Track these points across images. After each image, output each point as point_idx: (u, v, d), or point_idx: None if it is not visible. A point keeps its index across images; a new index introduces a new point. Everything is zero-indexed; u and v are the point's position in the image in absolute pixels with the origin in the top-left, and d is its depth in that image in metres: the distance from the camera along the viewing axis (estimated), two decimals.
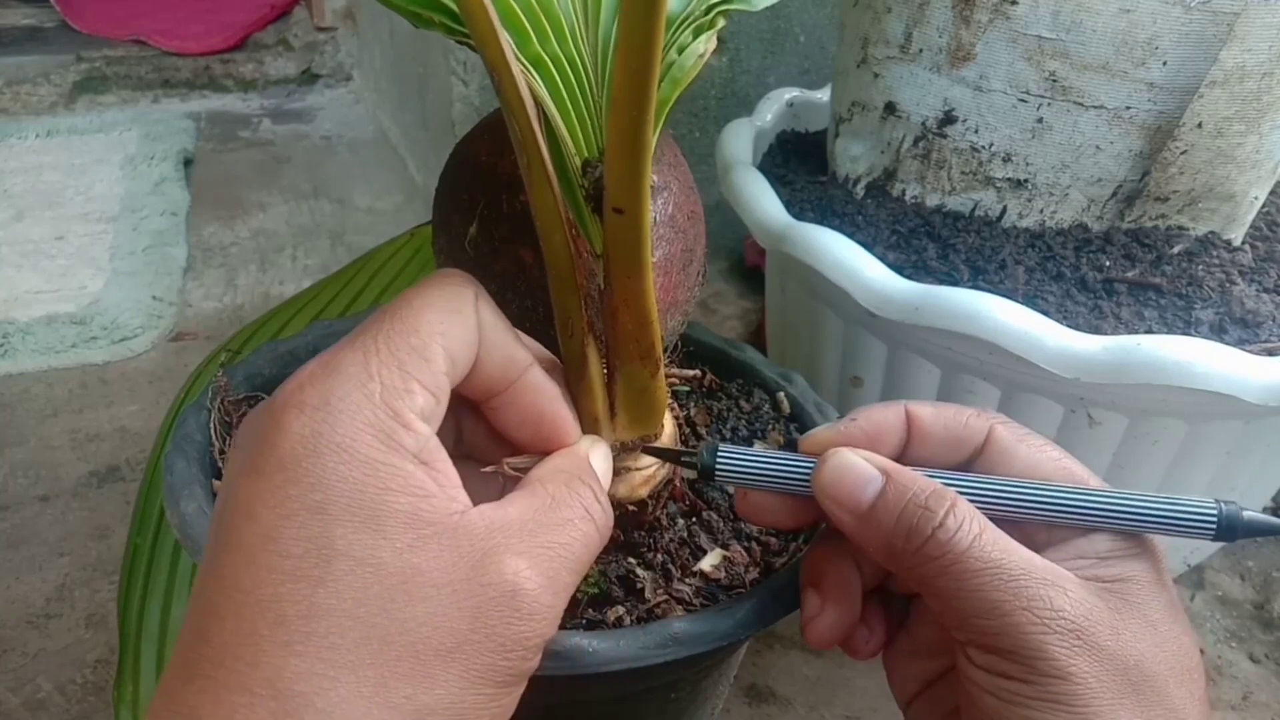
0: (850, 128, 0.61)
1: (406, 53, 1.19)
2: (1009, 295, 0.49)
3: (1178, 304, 0.51)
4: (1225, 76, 0.49)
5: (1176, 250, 0.54)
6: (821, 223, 0.56)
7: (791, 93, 0.76)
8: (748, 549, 0.39)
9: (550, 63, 0.30)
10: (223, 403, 0.42)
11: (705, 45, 0.32)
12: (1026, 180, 0.54)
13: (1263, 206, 0.58)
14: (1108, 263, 0.53)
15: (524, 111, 0.28)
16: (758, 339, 0.90)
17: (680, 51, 0.31)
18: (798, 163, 0.68)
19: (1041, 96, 0.52)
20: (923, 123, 0.56)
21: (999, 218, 0.56)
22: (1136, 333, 0.49)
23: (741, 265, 1.04)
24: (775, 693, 0.59)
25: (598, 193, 0.30)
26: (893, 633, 0.34)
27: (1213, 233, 0.55)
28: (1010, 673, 0.27)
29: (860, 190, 0.61)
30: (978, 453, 0.32)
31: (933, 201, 0.57)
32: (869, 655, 0.34)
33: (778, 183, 0.62)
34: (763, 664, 0.60)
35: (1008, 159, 0.54)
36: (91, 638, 0.61)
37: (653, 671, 0.32)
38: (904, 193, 0.58)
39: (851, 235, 0.54)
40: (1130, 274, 0.52)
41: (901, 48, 0.56)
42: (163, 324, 0.93)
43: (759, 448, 0.44)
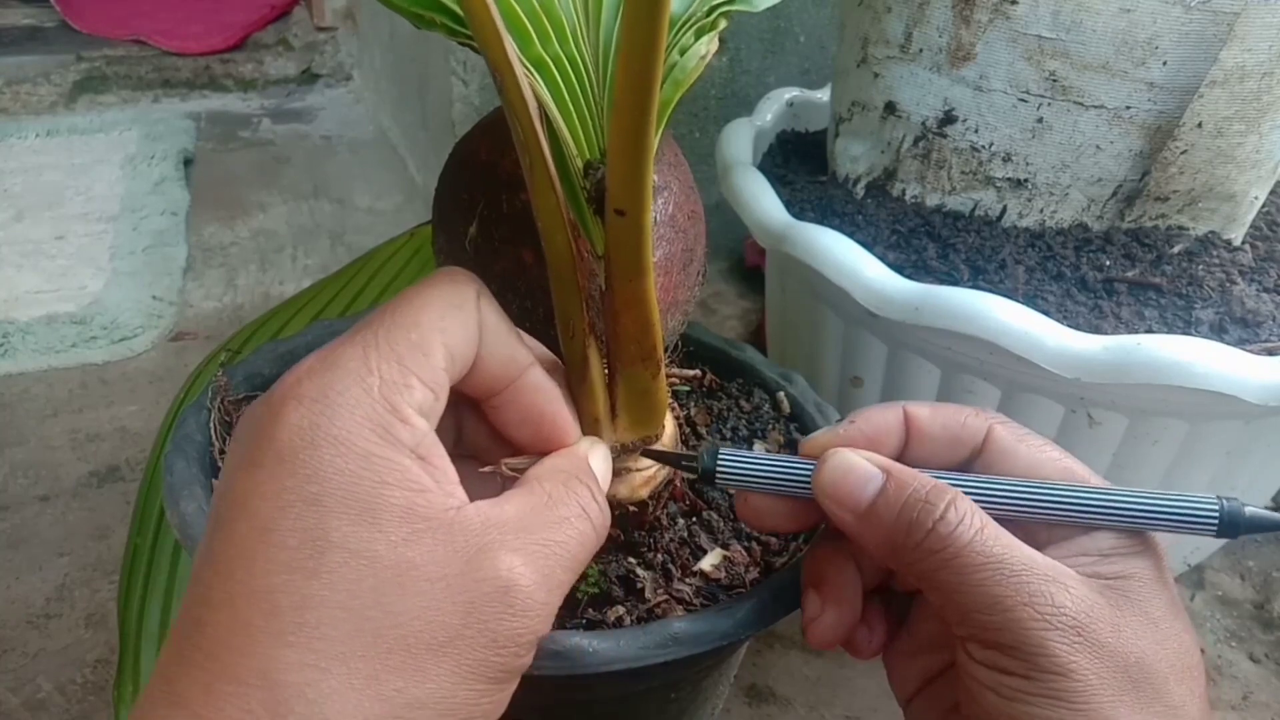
0: (850, 128, 0.61)
1: (407, 53, 1.19)
2: (1009, 295, 0.49)
3: (1178, 304, 0.51)
4: (1225, 76, 0.49)
5: (1176, 250, 0.54)
6: (821, 223, 0.56)
7: (791, 93, 0.76)
8: (748, 549, 0.39)
9: (552, 64, 0.30)
10: (223, 403, 0.42)
11: (707, 47, 0.31)
12: (1026, 180, 0.54)
13: (1263, 206, 0.58)
14: (1108, 262, 0.53)
15: (527, 113, 0.28)
16: (758, 339, 0.90)
17: (682, 53, 0.31)
18: (798, 163, 0.68)
19: (1041, 96, 0.52)
20: (923, 122, 0.56)
21: (999, 218, 0.56)
22: (1136, 333, 0.49)
23: (741, 265, 1.04)
24: (775, 693, 0.59)
25: (599, 194, 0.30)
26: (893, 631, 0.34)
27: (1213, 233, 0.55)
28: (1010, 668, 0.27)
29: (860, 190, 0.61)
30: (977, 452, 0.32)
31: (933, 201, 0.57)
32: (871, 655, 0.34)
33: (778, 183, 0.62)
34: (763, 664, 0.60)
35: (1008, 159, 0.54)
36: (91, 638, 0.61)
37: (653, 671, 0.32)
38: (904, 193, 0.59)
39: (851, 235, 0.54)
40: (1130, 274, 0.52)
41: (901, 48, 0.56)
42: (163, 324, 0.93)
43: (759, 448, 0.44)
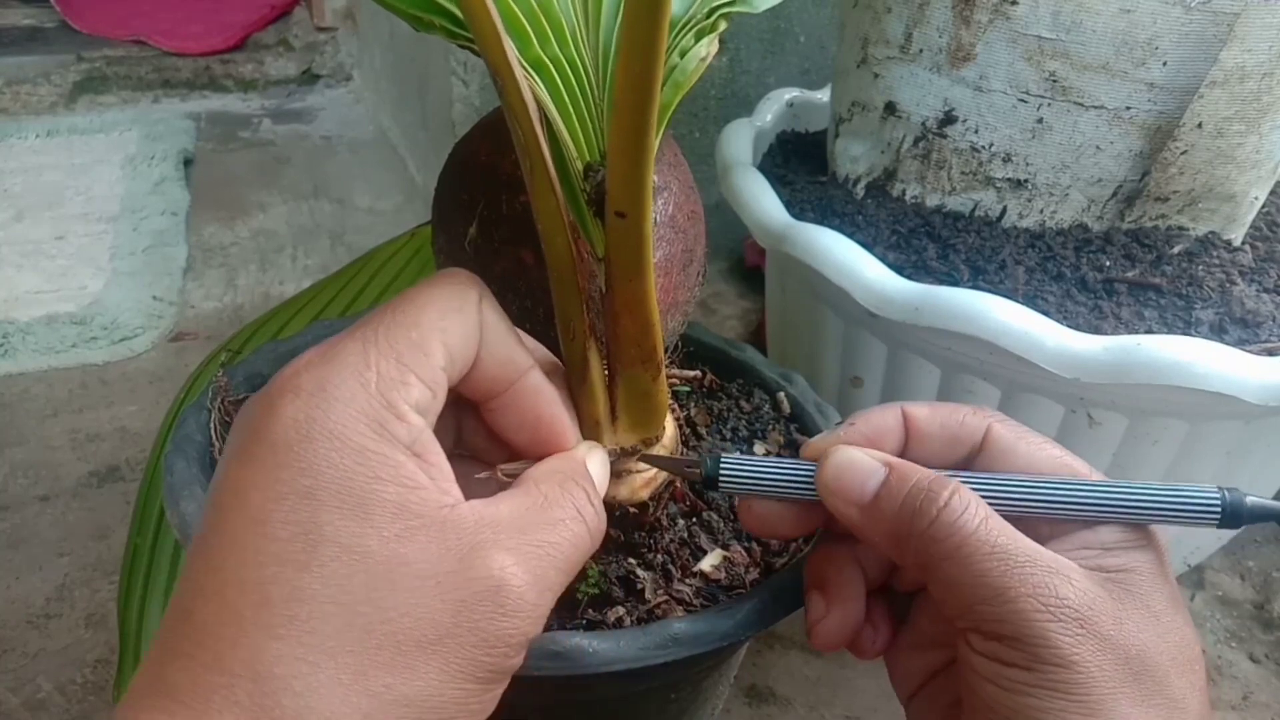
0: (850, 128, 0.61)
1: (407, 53, 1.19)
2: (1009, 295, 0.49)
3: (1178, 304, 0.51)
4: (1225, 76, 0.49)
5: (1176, 250, 0.54)
6: (821, 223, 0.56)
7: (791, 93, 0.76)
8: (748, 549, 0.39)
9: (551, 66, 0.30)
10: (223, 403, 0.42)
11: (707, 49, 0.31)
12: (1026, 180, 0.54)
13: (1263, 206, 0.58)
14: (1108, 263, 0.53)
15: (527, 116, 0.28)
16: (758, 339, 0.90)
17: (682, 55, 0.31)
18: (798, 163, 0.68)
19: (1041, 96, 0.52)
20: (923, 123, 0.56)
21: (999, 218, 0.56)
22: (1136, 333, 0.49)
23: (741, 265, 1.04)
24: (775, 693, 0.59)
25: (599, 196, 0.30)
26: (895, 631, 0.34)
27: (1213, 233, 0.55)
28: (1012, 660, 0.27)
29: (860, 190, 0.61)
30: (976, 451, 0.32)
31: (933, 201, 0.57)
32: (874, 655, 0.34)
33: (778, 183, 0.62)
34: (763, 664, 0.60)
35: (1008, 159, 0.54)
36: (91, 638, 0.61)
37: (653, 672, 0.32)
38: (904, 193, 0.59)
39: (851, 235, 0.54)
40: (1130, 274, 0.52)
41: (901, 48, 0.56)
42: (163, 324, 0.93)
43: (759, 449, 0.44)
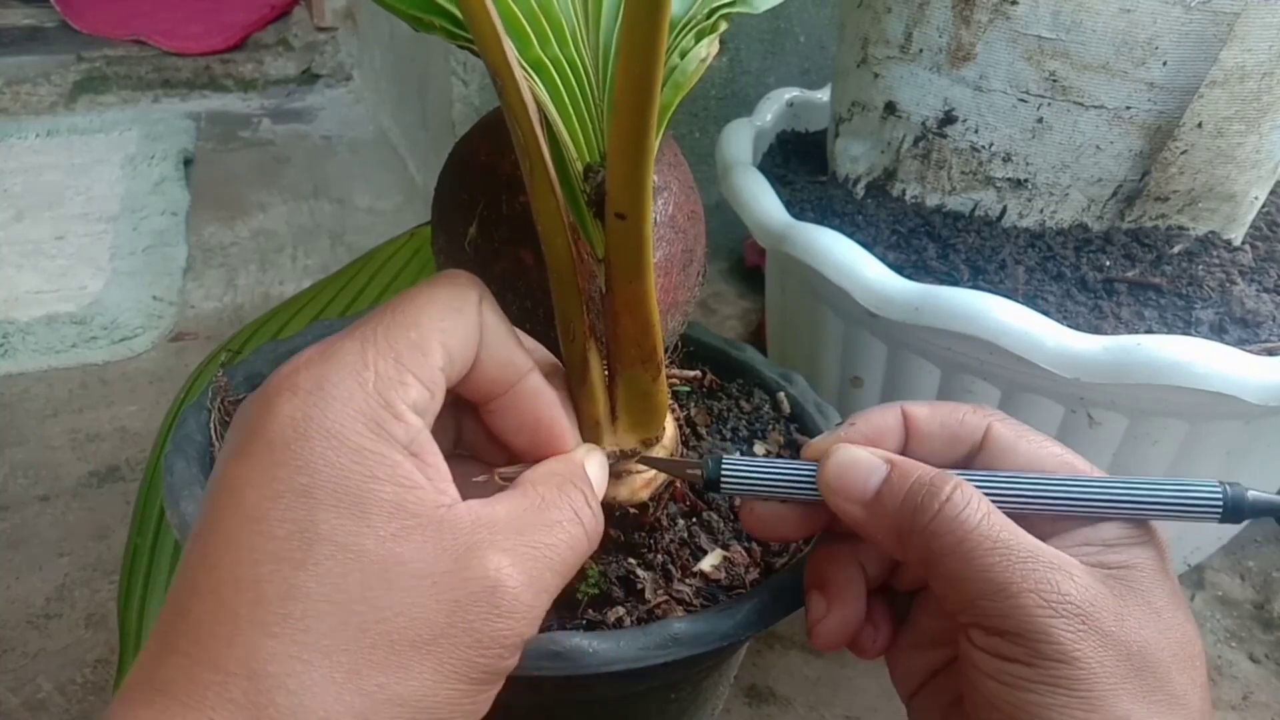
0: (850, 128, 0.61)
1: (407, 53, 1.19)
2: (1009, 295, 0.49)
3: (1178, 304, 0.51)
4: (1225, 76, 0.49)
5: (1176, 250, 0.54)
6: (821, 223, 0.56)
7: (791, 93, 0.76)
8: (748, 549, 0.39)
9: (551, 67, 0.30)
10: (223, 403, 0.42)
11: (708, 49, 0.31)
12: (1026, 180, 0.54)
13: (1263, 206, 0.58)
14: (1108, 263, 0.53)
15: (527, 117, 0.28)
16: (758, 339, 0.90)
17: (682, 56, 0.31)
18: (798, 163, 0.68)
19: (1041, 96, 0.52)
20: (923, 123, 0.56)
21: (999, 218, 0.56)
22: (1136, 333, 0.49)
23: (741, 265, 1.04)
24: (775, 693, 0.59)
25: (599, 197, 0.30)
26: (896, 630, 0.35)
27: (1213, 233, 0.55)
28: (1014, 655, 0.27)
29: (860, 190, 0.61)
30: (976, 450, 0.32)
31: (933, 201, 0.57)
32: (875, 654, 0.34)
33: (778, 183, 0.62)
34: (763, 664, 0.60)
35: (1008, 159, 0.54)
36: (91, 638, 0.61)
37: (653, 672, 0.32)
38: (904, 193, 0.59)
39: (851, 235, 0.54)
40: (1130, 274, 0.52)
41: (901, 48, 0.56)
42: (163, 324, 0.93)
43: (759, 449, 0.44)
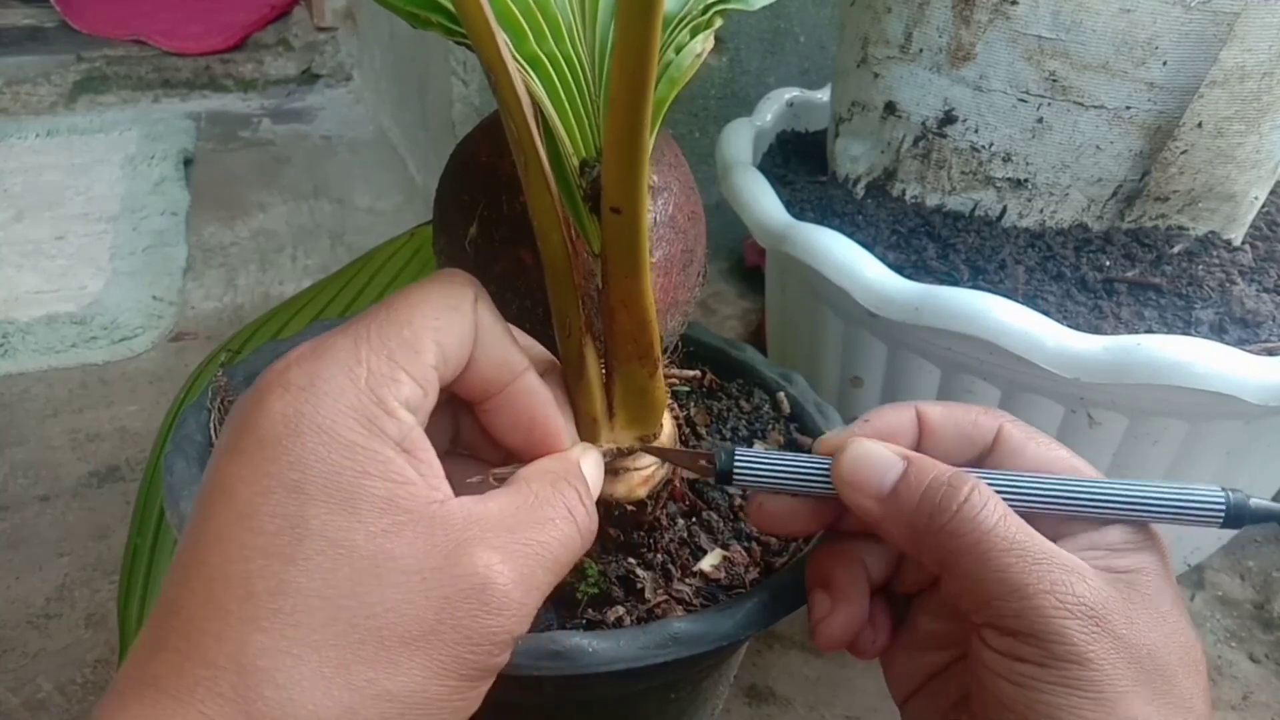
0: (850, 128, 0.61)
1: (407, 53, 1.19)
2: (1009, 295, 0.49)
3: (1178, 304, 0.51)
4: (1225, 76, 0.49)
5: (1176, 250, 0.53)
6: (821, 223, 0.56)
7: (791, 93, 0.76)
8: (748, 549, 0.39)
9: (547, 62, 0.30)
10: (222, 403, 0.42)
11: (703, 45, 0.31)
12: (1026, 180, 0.54)
13: (1263, 206, 0.58)
14: (1108, 263, 0.53)
15: (521, 111, 0.28)
16: (758, 339, 0.90)
17: (678, 51, 0.31)
18: (798, 163, 0.68)
19: (1041, 96, 0.52)
20: (923, 123, 0.56)
21: (999, 218, 0.56)
22: (1136, 333, 0.49)
23: (741, 265, 1.04)
24: (775, 693, 0.59)
25: (595, 192, 0.30)
26: (894, 631, 0.34)
27: (1213, 233, 0.55)
28: (1027, 656, 0.27)
29: (860, 190, 0.61)
30: (987, 451, 0.32)
31: (933, 201, 0.57)
32: (873, 655, 0.34)
33: (778, 183, 0.62)
34: (763, 664, 0.60)
35: (1008, 159, 0.54)
36: (91, 638, 0.61)
37: (653, 671, 0.32)
38: (904, 193, 0.58)
39: (851, 235, 0.54)
40: (1130, 274, 0.52)
41: (901, 48, 0.56)
42: (163, 324, 0.93)
43: (759, 449, 0.44)
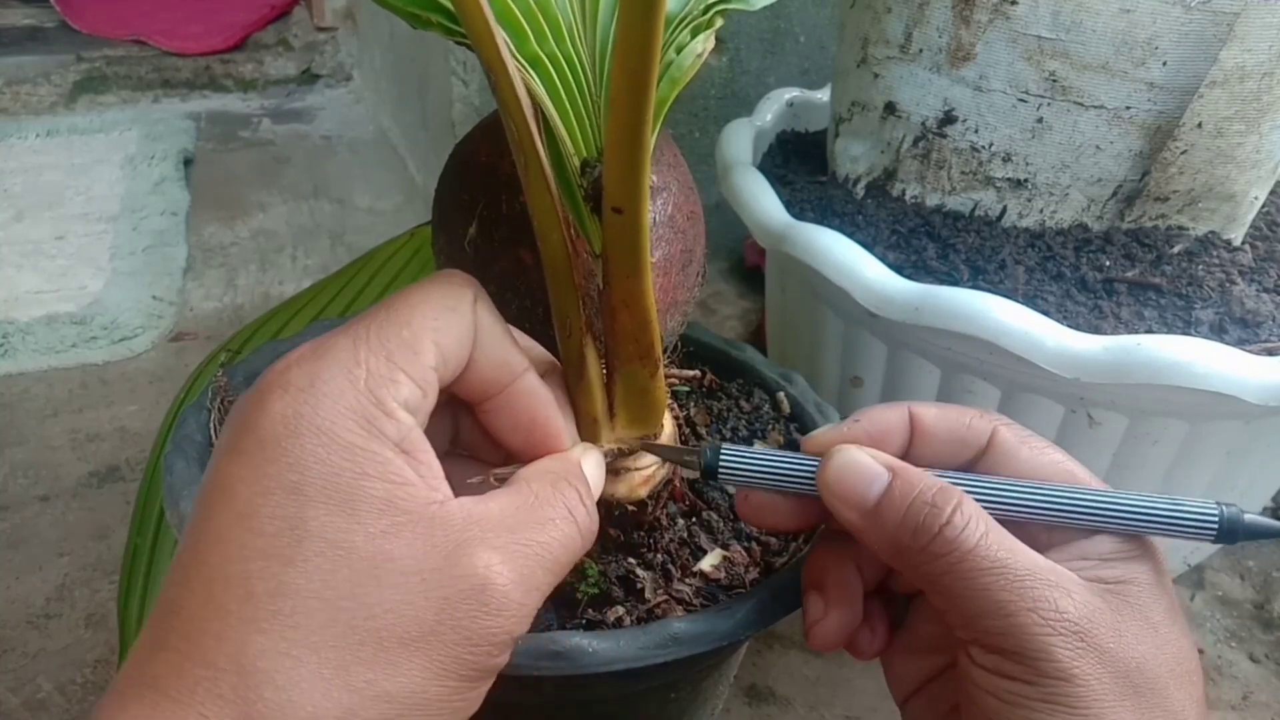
0: (850, 128, 0.61)
1: (407, 53, 1.19)
2: (1009, 295, 0.49)
3: (1178, 304, 0.51)
4: (1225, 76, 0.49)
5: (1176, 250, 0.53)
6: (821, 223, 0.56)
7: (791, 93, 0.76)
8: (748, 549, 0.39)
9: (548, 62, 0.30)
10: (222, 403, 0.42)
11: (703, 45, 0.31)
12: (1026, 180, 0.54)
13: (1263, 206, 0.58)
14: (1108, 263, 0.53)
15: (520, 111, 0.28)
16: (758, 339, 0.90)
17: (678, 51, 0.31)
18: (798, 163, 0.68)
19: (1041, 96, 0.52)
20: (923, 123, 0.56)
21: (999, 218, 0.56)
22: (1136, 333, 0.49)
23: (741, 265, 1.04)
24: (775, 693, 0.59)
25: (596, 193, 0.30)
26: (892, 632, 0.34)
27: (1213, 233, 0.55)
28: (1013, 673, 0.27)
29: (860, 190, 0.61)
30: (980, 454, 0.32)
31: (933, 201, 0.57)
32: (872, 656, 0.34)
33: (778, 183, 0.62)
34: (763, 664, 0.60)
35: (1008, 159, 0.54)
36: (91, 638, 0.61)
37: (653, 671, 0.32)
38: (904, 193, 0.58)
39: (851, 235, 0.54)
40: (1130, 274, 0.52)
41: (901, 48, 0.56)
42: (163, 324, 0.93)
43: (759, 448, 0.44)
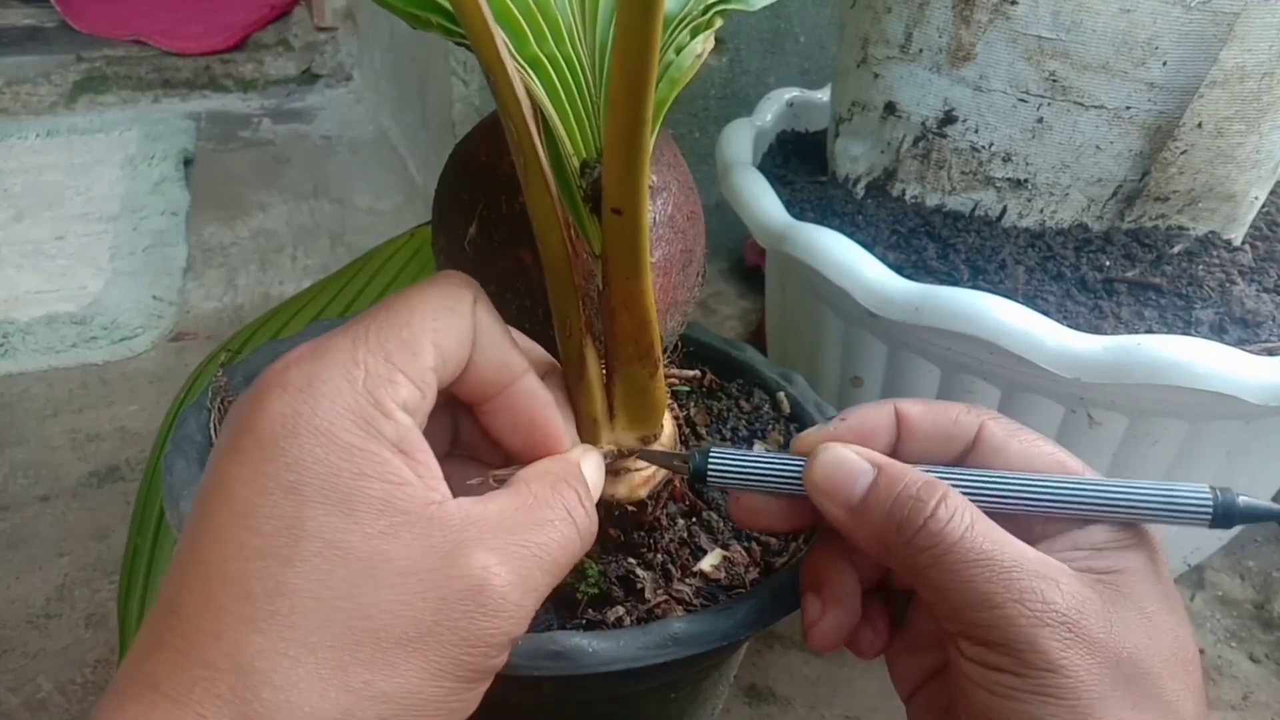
0: (850, 128, 0.61)
1: (407, 53, 1.19)
2: (1009, 295, 0.49)
3: (1178, 304, 0.51)
4: (1225, 76, 0.49)
5: (1176, 250, 0.53)
6: (821, 223, 0.56)
7: (791, 93, 0.76)
8: (748, 549, 0.39)
9: (548, 63, 0.30)
10: (222, 403, 0.42)
11: (703, 45, 0.31)
12: (1026, 180, 0.54)
13: (1263, 206, 0.58)
14: (1108, 263, 0.53)
15: (520, 112, 0.28)
16: (758, 339, 0.90)
17: (678, 51, 0.31)
18: (798, 163, 0.68)
19: (1041, 96, 0.52)
20: (923, 123, 0.56)
21: (999, 218, 0.56)
22: (1136, 333, 0.49)
23: (741, 265, 1.04)
24: (775, 693, 0.59)
25: (596, 193, 0.30)
26: (894, 629, 0.34)
27: (1213, 233, 0.55)
28: (1002, 665, 0.27)
29: (860, 190, 0.61)
30: (969, 449, 0.31)
31: (933, 201, 0.57)
32: (874, 654, 0.34)
33: (778, 183, 0.62)
34: (763, 664, 0.60)
35: (1008, 159, 0.54)
36: (91, 638, 0.61)
37: (652, 671, 0.32)
38: (904, 193, 0.58)
39: (851, 235, 0.54)
40: (1130, 274, 0.52)
41: (901, 48, 0.56)
42: (163, 324, 0.93)
43: (759, 448, 0.44)
